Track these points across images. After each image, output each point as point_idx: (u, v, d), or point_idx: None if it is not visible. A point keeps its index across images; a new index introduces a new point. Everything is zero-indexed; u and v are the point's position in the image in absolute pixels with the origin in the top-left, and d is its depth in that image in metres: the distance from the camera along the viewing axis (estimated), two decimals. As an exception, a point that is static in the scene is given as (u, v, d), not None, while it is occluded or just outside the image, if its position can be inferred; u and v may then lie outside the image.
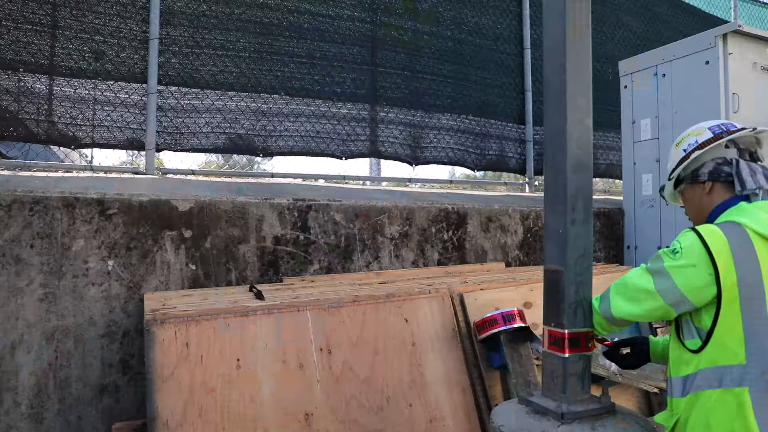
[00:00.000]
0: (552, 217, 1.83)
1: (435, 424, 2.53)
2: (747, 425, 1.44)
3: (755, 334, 1.46)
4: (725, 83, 3.43)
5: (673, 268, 1.53)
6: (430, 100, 4.99)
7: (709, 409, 1.49)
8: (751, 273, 1.48)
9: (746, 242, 1.51)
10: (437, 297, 2.74)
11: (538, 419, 1.76)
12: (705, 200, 1.71)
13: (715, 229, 1.53)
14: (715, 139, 1.69)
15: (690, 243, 1.53)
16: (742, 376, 1.46)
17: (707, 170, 1.70)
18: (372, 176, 5.53)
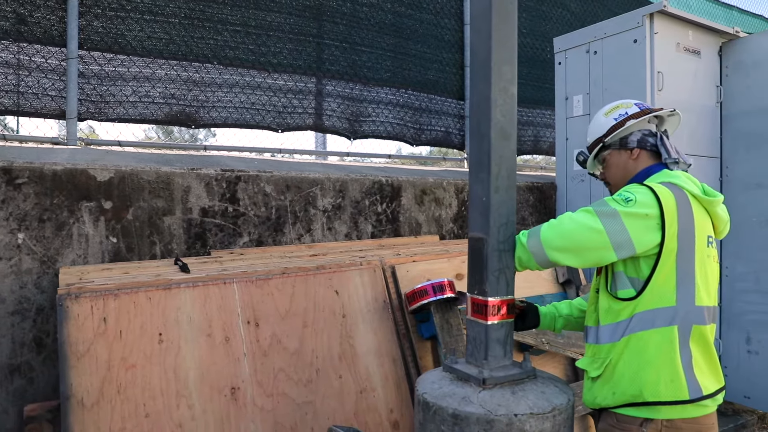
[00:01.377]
0: (476, 184, 1.83)
1: (365, 394, 2.53)
2: (673, 358, 1.63)
3: (684, 280, 1.66)
4: (651, 62, 3.53)
5: (625, 213, 1.63)
6: (369, 73, 4.92)
7: (642, 348, 1.66)
8: (687, 227, 1.67)
9: (685, 200, 1.70)
10: (368, 269, 2.73)
11: (461, 386, 1.78)
12: (630, 165, 1.90)
13: (662, 187, 1.69)
14: (642, 113, 1.90)
15: (644, 194, 1.67)
16: (672, 317, 1.65)
17: (636, 139, 1.90)
18: (315, 150, 5.42)
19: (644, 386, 1.63)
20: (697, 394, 1.62)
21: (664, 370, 1.62)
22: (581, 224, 1.65)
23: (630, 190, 1.70)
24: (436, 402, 1.73)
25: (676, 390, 1.61)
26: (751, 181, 3.84)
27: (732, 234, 3.94)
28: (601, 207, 1.67)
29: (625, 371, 1.68)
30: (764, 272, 3.78)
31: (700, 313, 1.67)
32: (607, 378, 1.73)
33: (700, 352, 1.68)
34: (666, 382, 1.62)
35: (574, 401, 1.80)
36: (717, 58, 3.97)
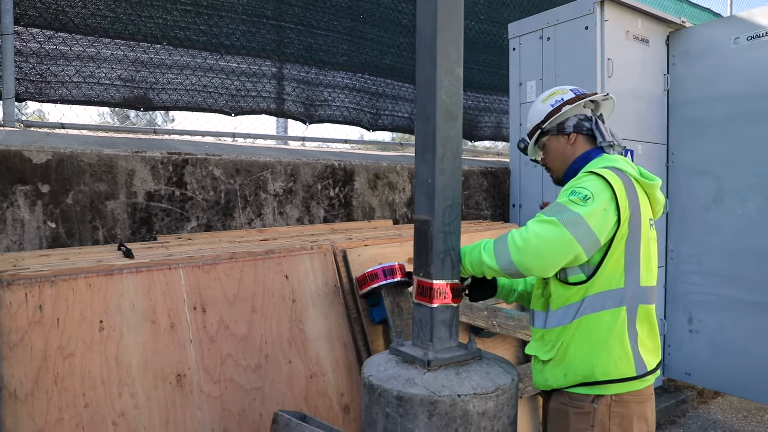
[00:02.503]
0: (421, 166, 1.82)
1: (315, 379, 2.52)
2: (623, 338, 1.71)
3: (631, 263, 1.72)
4: (601, 49, 3.58)
5: (588, 215, 1.63)
6: (325, 57, 4.85)
7: (593, 329, 1.72)
8: (635, 211, 1.72)
9: (630, 185, 1.73)
10: (319, 253, 2.70)
11: (406, 368, 1.78)
12: (569, 150, 1.93)
13: (611, 173, 1.70)
14: (578, 99, 1.93)
15: (599, 187, 1.67)
16: (621, 298, 1.72)
17: (572, 124, 1.93)
18: (271, 135, 5.32)
19: (596, 366, 1.70)
20: (642, 370, 1.72)
21: (615, 350, 1.70)
22: (551, 241, 1.62)
23: (584, 186, 1.69)
24: (381, 384, 1.72)
25: (625, 368, 1.70)
26: (695, 167, 3.97)
27: (677, 218, 4.08)
28: (564, 214, 1.64)
29: (577, 352, 1.73)
30: (706, 255, 3.92)
31: (645, 293, 1.75)
32: (558, 360, 1.77)
33: (645, 330, 1.76)
34: (616, 361, 1.69)
35: (518, 381, 1.83)
36: (665, 47, 4.06)
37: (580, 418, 1.72)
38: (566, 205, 1.65)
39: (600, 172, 1.71)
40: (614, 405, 1.70)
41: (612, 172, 1.71)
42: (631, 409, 1.72)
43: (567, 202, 1.66)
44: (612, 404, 1.70)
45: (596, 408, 1.70)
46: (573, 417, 1.73)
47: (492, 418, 1.68)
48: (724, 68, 3.79)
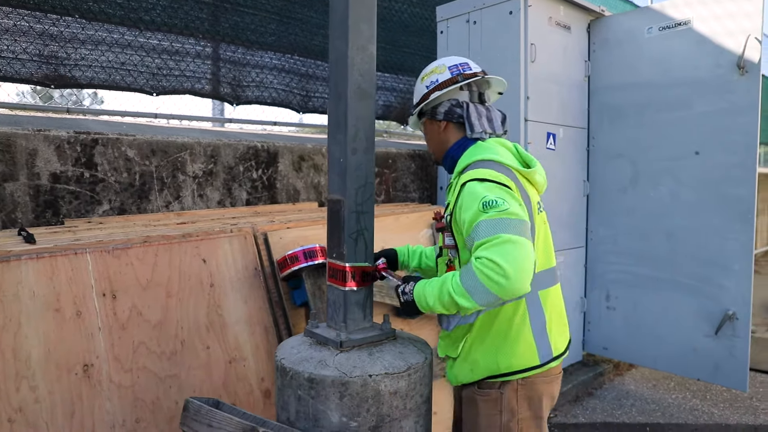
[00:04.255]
0: (334, 146, 1.79)
1: (235, 364, 2.46)
2: (524, 329, 1.71)
3: None
4: (525, 34, 3.65)
5: (515, 212, 1.52)
6: (253, 36, 4.70)
7: (494, 325, 1.72)
8: (526, 201, 1.69)
9: (513, 175, 1.70)
10: (239, 236, 2.63)
11: (319, 350, 1.77)
12: (442, 137, 1.87)
13: (490, 171, 1.64)
14: (451, 81, 1.81)
15: (497, 190, 1.58)
16: None
17: (443, 110, 1.83)
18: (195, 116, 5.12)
19: (499, 361, 1.71)
20: (547, 357, 1.73)
21: (518, 342, 1.70)
22: (523, 257, 1.46)
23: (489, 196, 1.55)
24: (292, 367, 1.70)
25: (528, 358, 1.71)
26: (613, 151, 4.13)
27: (597, 200, 4.25)
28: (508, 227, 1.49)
29: (480, 348, 1.74)
30: (621, 235, 4.10)
31: (543, 278, 1.74)
32: (464, 357, 1.79)
33: (553, 314, 1.77)
34: (519, 353, 1.70)
35: (432, 359, 1.85)
36: (586, 34, 4.18)
37: (488, 404, 1.75)
38: (495, 218, 1.51)
39: (484, 175, 1.61)
40: (521, 389, 1.73)
41: (494, 171, 1.63)
42: (539, 390, 1.74)
43: (496, 215, 1.51)
44: (519, 388, 1.73)
45: (503, 394, 1.73)
46: (482, 404, 1.76)
47: (404, 397, 1.69)
48: (639, 57, 3.95)
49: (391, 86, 6.03)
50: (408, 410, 1.70)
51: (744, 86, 3.45)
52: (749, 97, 3.43)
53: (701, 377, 3.76)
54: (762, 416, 3.69)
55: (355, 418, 1.63)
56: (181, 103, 4.35)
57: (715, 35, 3.58)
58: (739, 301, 3.54)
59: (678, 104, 3.78)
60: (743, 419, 3.63)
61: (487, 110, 1.81)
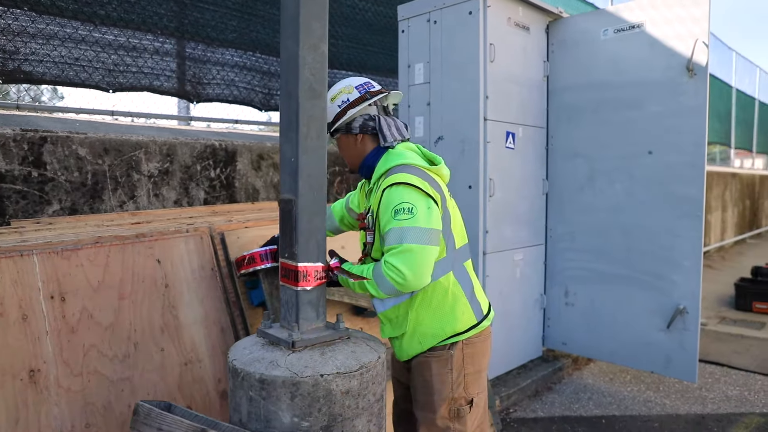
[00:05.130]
0: (285, 145, 1.78)
1: (190, 366, 2.43)
2: (459, 296, 1.99)
3: (447, 234, 1.97)
4: (484, 34, 3.69)
5: (421, 220, 1.81)
6: (214, 33, 4.64)
7: (433, 298, 1.96)
8: (441, 195, 1.96)
9: (425, 174, 1.94)
10: (195, 236, 2.60)
11: (271, 350, 1.76)
12: (358, 148, 2.09)
13: (406, 174, 1.87)
14: (361, 99, 2.04)
15: (411, 194, 1.84)
16: (446, 265, 1.96)
17: (358, 125, 2.05)
18: (152, 113, 5.02)
19: (445, 326, 1.97)
20: (480, 316, 2.04)
21: (456, 307, 1.97)
22: (420, 263, 1.78)
23: (402, 201, 1.82)
24: (244, 368, 1.69)
25: (468, 319, 1.99)
26: (570, 150, 4.21)
27: (555, 198, 4.32)
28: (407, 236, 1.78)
29: (425, 321, 1.97)
30: (579, 233, 4.19)
31: (463, 253, 2.05)
32: (411, 332, 2.00)
33: (473, 280, 2.08)
34: (459, 316, 1.97)
35: (385, 358, 1.86)
36: (545, 35, 4.26)
37: (439, 363, 1.98)
38: (403, 226, 1.80)
39: (401, 179, 1.86)
40: (465, 348, 1.99)
41: (409, 174, 1.88)
42: (477, 348, 2.02)
43: (401, 223, 1.80)
44: (464, 347, 1.98)
45: (452, 353, 1.97)
46: (434, 364, 1.98)
47: (356, 396, 1.70)
48: (595, 58, 4.04)
49: (355, 85, 6.02)
50: (360, 409, 1.71)
51: (693, 88, 3.56)
52: (697, 99, 3.54)
53: (655, 370, 3.87)
54: (710, 405, 3.82)
55: (306, 418, 1.63)
56: (146, 101, 4.24)
57: (667, 38, 3.69)
58: (689, 296, 3.65)
59: (632, 105, 3.88)
60: (692, 409, 3.76)
61: (393, 120, 2.08)
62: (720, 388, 4.14)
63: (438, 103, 3.92)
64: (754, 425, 3.55)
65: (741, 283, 6.85)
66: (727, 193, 11.33)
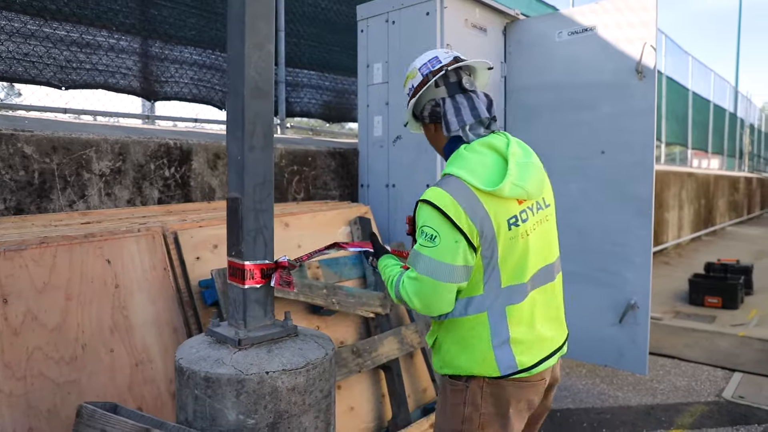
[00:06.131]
0: (231, 143, 1.78)
1: (142, 367, 2.40)
2: (484, 341, 1.70)
3: (489, 269, 1.67)
4: (441, 34, 3.73)
5: (440, 253, 1.60)
6: (172, 30, 4.58)
7: (457, 332, 1.73)
8: (484, 222, 1.62)
9: (471, 198, 1.62)
10: (147, 236, 2.57)
11: (217, 348, 1.76)
12: (436, 138, 1.85)
13: (443, 193, 1.61)
14: (423, 84, 1.77)
15: (437, 221, 1.61)
16: (481, 304, 1.69)
17: (427, 114, 1.80)
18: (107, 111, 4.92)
19: (461, 365, 1.73)
20: (510, 369, 1.69)
21: (477, 352, 1.70)
22: (427, 294, 1.64)
23: (427, 224, 1.64)
24: (189, 366, 1.69)
25: (487, 369, 1.70)
26: (527, 149, 4.29)
27: (512, 197, 4.40)
28: (420, 264, 1.64)
29: (445, 348, 1.77)
30: (536, 230, 4.27)
31: (509, 294, 1.69)
32: (436, 350, 1.83)
33: (517, 329, 1.70)
34: (478, 361, 1.70)
35: (333, 355, 1.88)
36: (502, 36, 4.33)
37: (454, 394, 1.77)
38: (420, 252, 1.64)
39: (431, 199, 1.63)
40: (486, 386, 1.72)
41: (444, 194, 1.62)
42: (507, 392, 1.73)
43: (420, 248, 1.64)
44: (484, 386, 1.72)
45: (468, 387, 1.74)
46: (449, 392, 1.79)
47: (303, 392, 1.71)
48: (550, 59, 4.12)
49: (317, 84, 6.01)
50: (307, 406, 1.72)
51: (642, 90, 3.67)
52: (646, 100, 3.65)
53: (608, 363, 3.98)
54: (659, 396, 3.95)
55: (252, 416, 1.63)
56: (113, 99, 4.17)
57: (617, 41, 3.79)
58: (639, 292, 3.77)
59: (586, 106, 3.97)
60: (643, 400, 3.88)
61: (468, 99, 1.75)
62: (670, 379, 4.28)
63: (397, 103, 3.94)
64: (698, 414, 3.69)
65: (694, 278, 7.09)
66: (683, 192, 11.70)
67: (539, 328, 1.76)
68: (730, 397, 3.98)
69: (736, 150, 20.04)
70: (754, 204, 20.02)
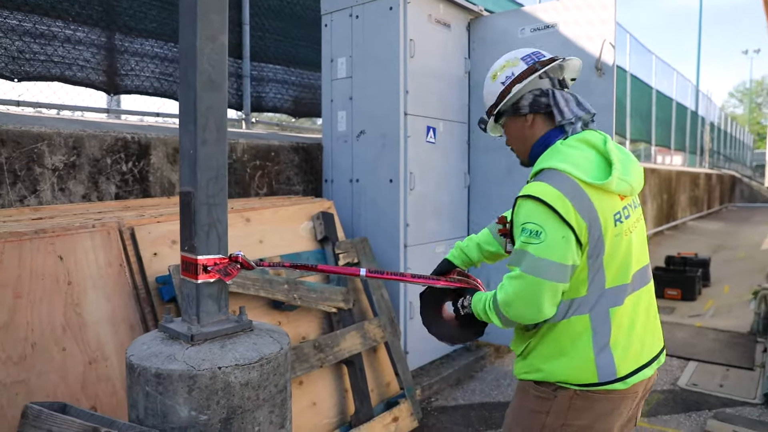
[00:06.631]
0: (184, 137, 1.76)
1: (96, 365, 2.35)
2: (585, 346, 1.61)
3: (594, 268, 1.59)
4: (404, 29, 3.74)
5: (547, 251, 1.51)
6: (132, 22, 4.48)
7: (555, 337, 1.64)
8: (592, 217, 1.56)
9: (579, 192, 1.55)
10: (102, 232, 2.51)
11: (170, 344, 1.73)
12: (528, 133, 1.75)
13: (548, 187, 1.54)
14: (530, 71, 1.71)
15: (543, 215, 1.53)
16: (583, 306, 1.61)
17: (527, 103, 1.72)
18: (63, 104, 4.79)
19: (555, 372, 1.64)
20: (609, 377, 1.61)
21: (576, 358, 1.62)
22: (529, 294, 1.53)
23: (531, 220, 1.55)
24: (140, 363, 1.66)
25: (584, 375, 1.61)
26: (491, 144, 4.33)
27: (478, 191, 4.44)
28: (525, 262, 1.54)
29: (539, 355, 1.68)
30: (499, 225, 4.32)
31: (614, 295, 1.62)
32: (524, 357, 1.74)
33: (618, 332, 1.63)
34: (576, 368, 1.61)
35: (288, 349, 1.87)
36: (466, 32, 4.36)
37: (539, 401, 1.68)
38: (525, 250, 1.55)
39: (535, 193, 1.55)
40: (576, 398, 1.63)
41: (549, 188, 1.54)
42: (597, 405, 1.64)
43: (524, 246, 1.56)
44: (574, 397, 1.63)
45: (556, 397, 1.65)
46: (533, 398, 1.70)
47: (257, 387, 1.70)
48: (513, 55, 4.16)
49: (283, 79, 5.96)
50: (261, 401, 1.71)
51: (601, 87, 3.74)
52: (606, 97, 3.72)
53: (569, 355, 4.05)
54: (619, 388, 4.04)
55: (204, 412, 1.61)
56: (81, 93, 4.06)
57: (578, 39, 3.85)
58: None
59: (547, 102, 4.02)
60: (603, 392, 3.97)
61: (572, 95, 1.73)
62: (629, 370, 4.38)
63: (360, 98, 3.94)
64: (654, 401, 3.79)
65: (655, 272, 7.27)
66: (647, 187, 11.98)
67: (638, 333, 1.67)
68: (685, 385, 4.10)
69: (698, 147, 20.62)
70: (714, 199, 20.63)
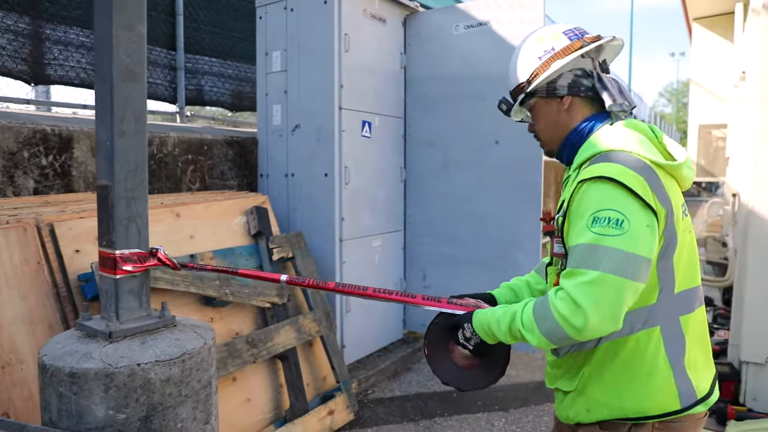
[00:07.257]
0: (101, 128, 1.70)
1: (10, 368, 2.25)
2: (659, 364, 1.35)
3: (664, 269, 1.36)
4: (339, 23, 3.74)
5: (632, 243, 1.24)
6: (53, 8, 4.28)
7: (620, 356, 1.37)
8: (670, 210, 1.33)
9: (652, 174, 1.33)
10: (17, 228, 2.40)
11: (86, 343, 1.68)
12: (563, 117, 1.49)
13: (623, 167, 1.30)
14: (573, 48, 1.44)
15: (624, 200, 1.26)
16: (654, 316, 1.36)
17: (566, 83, 1.46)
18: None
19: (626, 401, 1.36)
20: (690, 400, 1.36)
21: (652, 380, 1.35)
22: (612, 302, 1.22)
23: (608, 206, 1.27)
24: (53, 363, 1.60)
25: (665, 402, 1.35)
26: (426, 139, 4.40)
27: (413, 186, 4.50)
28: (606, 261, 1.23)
29: (602, 384, 1.39)
30: (436, 219, 4.40)
31: (684, 301, 1.39)
32: (579, 392, 1.43)
33: (695, 344, 1.41)
34: (653, 395, 1.35)
35: (212, 345, 1.85)
36: (402, 28, 4.40)
37: None
38: (600, 245, 1.24)
39: (610, 173, 1.28)
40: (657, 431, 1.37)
41: (625, 168, 1.29)
42: None
43: (599, 239, 1.24)
44: (653, 430, 1.37)
45: None
46: None
47: (178, 383, 1.67)
48: (448, 52, 4.24)
49: (219, 72, 5.84)
50: (184, 397, 1.68)
51: (530, 83, 3.86)
52: (534, 93, 3.84)
53: (502, 344, 4.17)
54: (549, 374, 4.21)
55: (123, 410, 1.58)
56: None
57: (510, 37, 3.96)
58: (529, 275, 3.98)
59: (480, 97, 4.12)
60: (535, 377, 4.11)
61: (615, 81, 1.47)
62: (559, 357, 4.56)
63: (295, 92, 3.91)
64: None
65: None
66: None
67: (706, 346, 1.46)
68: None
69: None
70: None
